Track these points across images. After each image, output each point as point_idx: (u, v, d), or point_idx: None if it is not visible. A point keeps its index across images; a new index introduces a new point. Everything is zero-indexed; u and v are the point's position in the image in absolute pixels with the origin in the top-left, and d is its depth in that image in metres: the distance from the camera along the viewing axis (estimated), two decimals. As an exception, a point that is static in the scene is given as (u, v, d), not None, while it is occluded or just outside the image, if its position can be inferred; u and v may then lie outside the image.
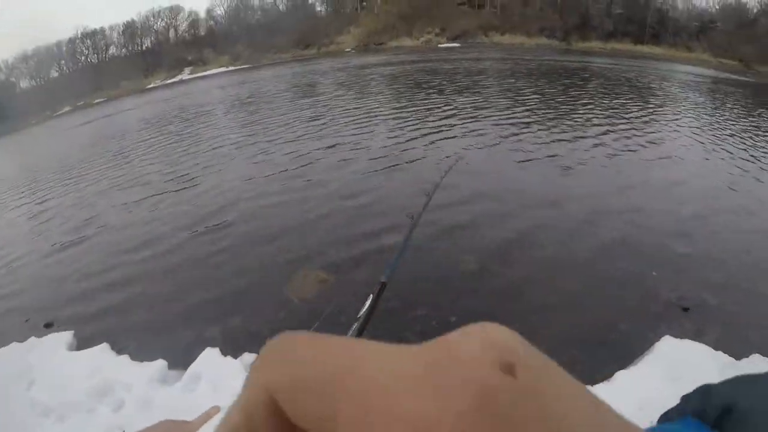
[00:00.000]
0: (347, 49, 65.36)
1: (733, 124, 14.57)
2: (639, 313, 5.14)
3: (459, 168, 9.08)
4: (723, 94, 23.36)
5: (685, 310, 5.18)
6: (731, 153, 11.10)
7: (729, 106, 18.93)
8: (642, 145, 11.05)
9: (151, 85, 72.31)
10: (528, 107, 14.72)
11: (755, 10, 64.72)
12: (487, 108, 14.92)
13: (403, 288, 5.42)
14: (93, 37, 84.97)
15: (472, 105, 15.43)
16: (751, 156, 10.94)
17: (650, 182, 8.79)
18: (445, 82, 22.21)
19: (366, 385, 0.17)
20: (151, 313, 6.27)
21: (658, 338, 4.47)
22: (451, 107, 15.38)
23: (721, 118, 15.74)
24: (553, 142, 11.06)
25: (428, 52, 49.72)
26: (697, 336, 4.55)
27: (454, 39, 64.35)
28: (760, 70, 45.70)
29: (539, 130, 11.98)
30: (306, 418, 0.19)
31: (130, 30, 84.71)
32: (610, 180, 8.94)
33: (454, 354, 0.17)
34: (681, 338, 4.43)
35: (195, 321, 5.80)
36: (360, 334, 1.00)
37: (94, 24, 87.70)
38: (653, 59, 46.12)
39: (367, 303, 1.16)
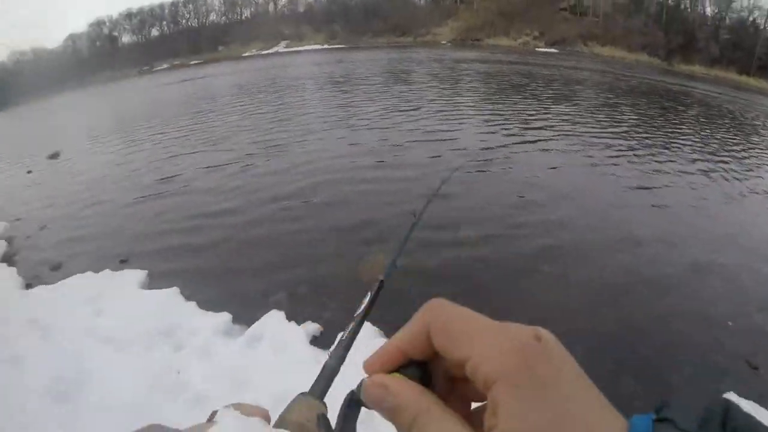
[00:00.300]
0: (443, 42, 64.90)
1: None
2: (706, 360, 4.90)
3: (544, 182, 9.08)
4: None
5: (755, 368, 4.81)
6: None
7: None
8: (743, 194, 9.96)
9: (247, 54, 74.49)
10: (624, 127, 14.22)
11: None
12: (582, 122, 14.60)
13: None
14: (195, 2, 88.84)
15: (568, 116, 15.13)
16: None
17: (747, 234, 7.99)
18: (541, 88, 21.83)
19: (475, 328, 0.34)
20: (223, 269, 6.49)
21: (721, 392, 4.32)
22: (546, 115, 15.13)
23: None
24: (647, 172, 10.43)
25: (525, 54, 48.85)
26: (761, 399, 4.27)
27: (552, 44, 62.78)
28: None
29: (634, 154, 11.40)
30: (443, 346, 0.35)
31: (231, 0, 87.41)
32: (704, 224, 8.22)
33: (517, 328, 0.33)
34: (746, 398, 4.19)
35: (264, 283, 5.95)
36: (356, 333, 1.04)
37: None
38: (759, 93, 43.08)
39: (365, 301, 1.13)
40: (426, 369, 0.39)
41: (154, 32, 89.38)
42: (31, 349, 4.59)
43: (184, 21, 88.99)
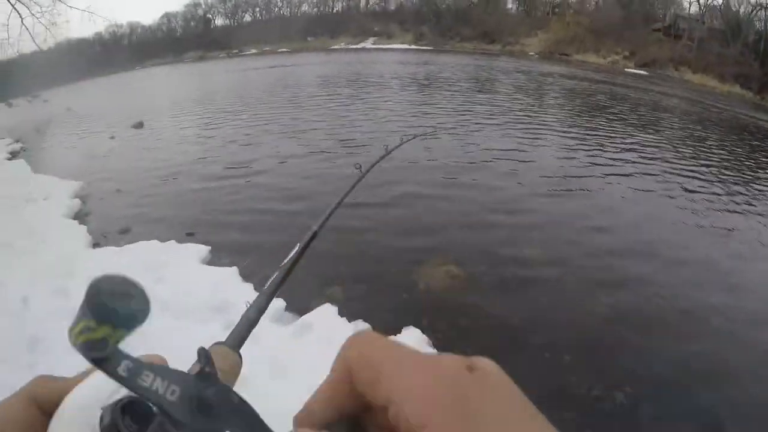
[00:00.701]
0: (530, 53, 64.25)
1: None
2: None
3: (618, 209, 9.03)
4: None
5: None
6: None
7: None
8: None
9: (335, 47, 75.71)
10: (710, 163, 13.94)
11: None
12: (666, 151, 14.49)
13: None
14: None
15: (653, 145, 15.01)
16: None
17: None
18: (627, 111, 21.61)
19: (399, 364, 0.31)
20: (283, 257, 6.39)
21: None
22: (630, 141, 15.05)
23: None
24: (730, 211, 9.99)
25: (614, 73, 47.85)
26: None
27: (641, 66, 61.05)
28: None
29: (715, 193, 11.03)
30: (365, 390, 0.32)
31: None
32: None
33: (448, 360, 0.31)
34: None
35: (322, 275, 5.99)
36: (279, 284, 1.05)
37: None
38: None
39: (293, 251, 1.17)
40: (359, 422, 0.37)
41: (247, 17, 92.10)
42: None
43: (276, 9, 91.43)
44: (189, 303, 5.09)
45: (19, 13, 24.54)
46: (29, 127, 22.29)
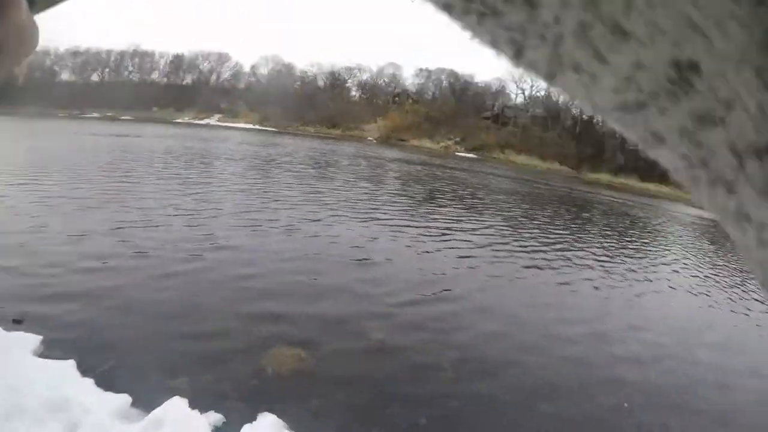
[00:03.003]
0: (369, 138, 68.22)
1: (722, 263, 17.04)
2: None
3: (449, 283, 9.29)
4: (721, 235, 24.99)
5: None
6: (714, 295, 12.60)
7: (724, 245, 21.14)
8: (632, 289, 11.86)
9: (180, 120, 73.98)
10: (544, 236, 16.19)
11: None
12: (484, 229, 15.93)
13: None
14: (143, 57, 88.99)
15: (479, 223, 16.64)
16: (735, 295, 12.82)
17: (621, 314, 9.94)
18: (459, 193, 23.76)
19: None
20: (125, 346, 6.04)
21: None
22: (449, 220, 16.38)
23: (715, 257, 18.41)
24: (563, 275, 12.00)
25: (446, 157, 52.12)
26: None
27: (471, 150, 67.20)
28: None
29: (545, 259, 13.09)
30: None
31: (177, 62, 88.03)
32: (593, 307, 10.04)
33: None
34: None
35: (168, 366, 5.67)
36: None
37: (145, 45, 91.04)
38: (659, 197, 50.02)
39: None
40: None
41: (94, 77, 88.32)
42: None
43: (126, 73, 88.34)
44: (22, 401, 4.50)
45: None
46: None
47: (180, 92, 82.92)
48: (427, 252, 12.19)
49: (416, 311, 8.25)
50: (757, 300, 12.40)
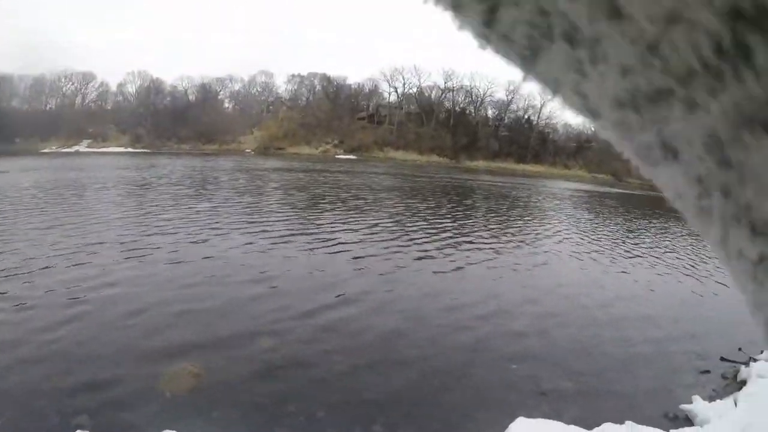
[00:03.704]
0: (247, 150, 67.51)
1: (601, 228, 20.04)
2: (498, 403, 6.03)
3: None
4: (597, 203, 31.04)
5: (543, 394, 6.29)
6: (599, 258, 14.46)
7: (601, 212, 25.05)
8: (521, 264, 13.06)
9: (46, 150, 68.73)
10: (420, 228, 16.70)
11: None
12: (371, 227, 16.21)
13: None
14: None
15: (372, 222, 17.02)
16: (617, 255, 14.92)
17: (514, 289, 10.88)
18: (343, 195, 23.94)
19: None
20: (16, 402, 5.72)
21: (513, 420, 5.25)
22: (336, 223, 16.59)
23: (594, 224, 21.67)
24: (459, 256, 12.89)
25: (326, 161, 52.95)
26: (555, 416, 5.42)
27: (351, 151, 68.50)
28: (629, 182, 58.77)
29: (436, 247, 13.98)
30: None
31: (38, 86, 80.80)
32: (487, 287, 10.80)
33: None
34: (536, 418, 5.25)
35: (61, 404, 5.58)
36: None
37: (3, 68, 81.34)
38: (535, 177, 53.99)
39: None
40: None
41: None
42: None
43: None
44: None
45: None
46: None
47: (44, 119, 76.37)
48: (318, 259, 12.20)
49: (312, 321, 8.31)
50: (633, 257, 15.03)
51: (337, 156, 65.50)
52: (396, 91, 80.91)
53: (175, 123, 70.68)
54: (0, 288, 9.34)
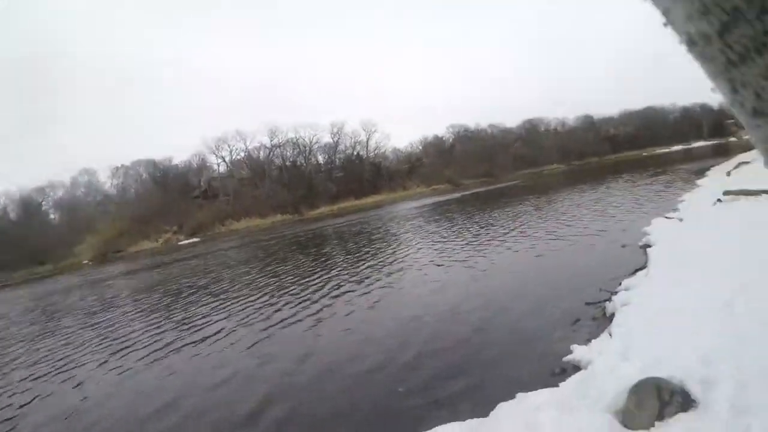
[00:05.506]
0: (85, 261, 61.66)
1: (448, 231, 23.40)
2: (393, 426, 6.18)
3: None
4: (442, 211, 35.14)
5: (435, 402, 6.51)
6: (455, 256, 16.96)
7: (446, 218, 29.10)
8: (393, 287, 14.06)
9: None
10: (284, 290, 16.35)
11: (450, 140, 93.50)
12: (235, 310, 14.84)
13: None
14: None
15: (222, 306, 15.70)
16: (469, 248, 17.45)
17: (390, 314, 11.34)
18: (194, 282, 22.97)
19: None
20: None
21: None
22: (196, 317, 14.88)
23: (444, 228, 25.35)
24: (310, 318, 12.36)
25: (171, 251, 51.12)
26: (453, 417, 5.69)
27: (192, 234, 66.71)
28: (465, 183, 65.94)
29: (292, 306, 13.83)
30: None
31: None
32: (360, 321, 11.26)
33: None
34: (433, 428, 5.52)
35: None
36: None
37: None
38: (380, 206, 55.44)
39: None
40: None
41: None
42: None
43: None
44: None
45: None
46: None
47: None
48: (180, 366, 10.67)
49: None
50: (481, 246, 17.66)
51: (180, 242, 63.17)
52: (224, 160, 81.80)
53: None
54: None
